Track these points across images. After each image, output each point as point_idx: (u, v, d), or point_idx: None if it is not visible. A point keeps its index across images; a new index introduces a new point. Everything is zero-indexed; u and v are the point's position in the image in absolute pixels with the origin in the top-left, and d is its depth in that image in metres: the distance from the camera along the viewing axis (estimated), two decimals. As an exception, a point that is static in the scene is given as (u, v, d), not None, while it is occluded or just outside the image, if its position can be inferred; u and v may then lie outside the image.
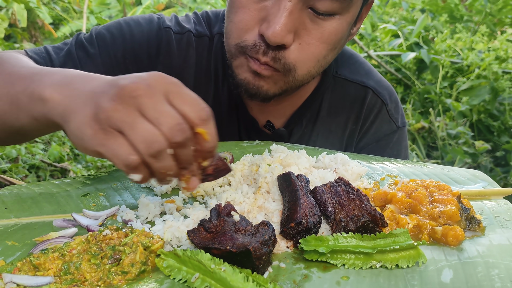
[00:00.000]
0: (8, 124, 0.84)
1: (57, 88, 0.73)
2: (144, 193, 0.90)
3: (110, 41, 1.15)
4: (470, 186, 0.93)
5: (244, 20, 0.98)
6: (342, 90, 1.30)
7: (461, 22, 4.73)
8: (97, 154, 0.65)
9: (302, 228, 0.73)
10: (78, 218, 0.80)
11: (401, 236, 0.70)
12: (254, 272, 0.64)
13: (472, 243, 0.74)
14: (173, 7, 6.73)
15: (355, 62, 1.34)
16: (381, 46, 4.55)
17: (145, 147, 0.62)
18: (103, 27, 1.19)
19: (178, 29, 1.21)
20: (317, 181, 0.88)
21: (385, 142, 1.35)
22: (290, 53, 0.97)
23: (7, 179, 2.48)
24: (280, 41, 0.93)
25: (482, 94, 3.53)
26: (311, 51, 0.99)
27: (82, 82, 0.72)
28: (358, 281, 0.65)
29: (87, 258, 0.66)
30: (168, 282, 0.64)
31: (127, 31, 1.17)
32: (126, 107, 0.62)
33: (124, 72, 1.14)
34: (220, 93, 1.25)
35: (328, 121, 1.31)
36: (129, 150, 0.62)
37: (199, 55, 1.23)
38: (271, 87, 1.04)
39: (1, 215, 0.82)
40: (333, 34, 0.98)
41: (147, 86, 0.64)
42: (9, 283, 0.62)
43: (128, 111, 0.62)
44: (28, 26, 5.80)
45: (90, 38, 1.16)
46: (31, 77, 0.80)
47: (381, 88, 1.33)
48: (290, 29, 0.93)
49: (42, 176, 2.86)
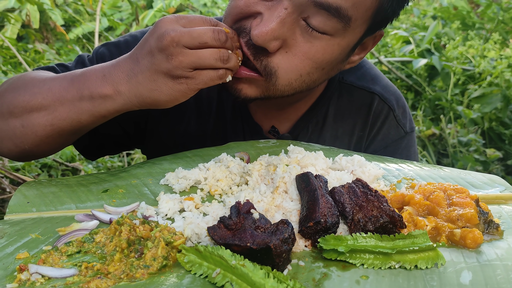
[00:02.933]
0: (67, 129, 0.95)
1: (110, 81, 0.91)
2: (163, 190, 0.91)
3: (108, 58, 1.15)
4: (487, 190, 0.93)
5: (242, 5, 0.95)
6: (348, 96, 1.29)
7: (473, 30, 4.72)
8: (189, 91, 0.90)
9: (321, 228, 0.73)
10: (98, 214, 0.81)
11: (420, 237, 0.70)
12: (273, 269, 0.65)
13: (490, 246, 0.74)
14: (184, 10, 6.78)
15: (362, 67, 1.33)
16: (392, 52, 4.55)
17: (214, 56, 0.87)
18: (104, 45, 1.23)
19: None
20: (334, 182, 0.88)
21: (394, 148, 1.34)
22: (274, 57, 0.95)
23: (20, 177, 2.51)
24: (261, 43, 0.91)
25: (493, 102, 3.51)
26: (295, 63, 0.96)
27: (120, 64, 0.92)
28: (378, 280, 0.65)
29: (118, 246, 0.68)
30: (189, 277, 0.65)
31: (124, 47, 1.19)
32: (180, 54, 0.85)
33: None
34: (224, 100, 1.26)
35: (335, 127, 1.30)
36: (213, 61, 0.87)
37: None
38: (251, 92, 1.01)
39: (23, 209, 0.84)
40: (320, 53, 0.95)
41: (173, 31, 0.85)
42: (35, 273, 0.63)
43: (186, 54, 0.85)
44: (40, 28, 5.86)
45: (92, 58, 1.21)
46: (73, 83, 0.93)
47: (388, 94, 1.31)
48: (277, 36, 0.91)
49: (53, 175, 2.89)
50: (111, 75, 0.91)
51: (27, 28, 4.83)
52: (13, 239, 0.74)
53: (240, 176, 0.94)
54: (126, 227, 0.71)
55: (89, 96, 0.91)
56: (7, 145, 0.98)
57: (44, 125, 0.94)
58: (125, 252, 0.69)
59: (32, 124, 0.94)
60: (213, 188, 0.91)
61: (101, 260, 0.68)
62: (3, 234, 0.75)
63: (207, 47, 0.87)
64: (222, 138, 1.25)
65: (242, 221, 0.71)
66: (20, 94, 0.96)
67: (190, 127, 1.27)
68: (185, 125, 1.27)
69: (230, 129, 1.28)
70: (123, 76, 0.90)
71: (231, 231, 0.70)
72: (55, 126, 0.94)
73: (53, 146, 1.01)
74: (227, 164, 0.96)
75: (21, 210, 0.84)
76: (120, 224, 0.72)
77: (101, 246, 0.71)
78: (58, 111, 0.93)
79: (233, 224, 0.71)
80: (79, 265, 0.67)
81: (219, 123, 1.27)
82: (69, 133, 0.97)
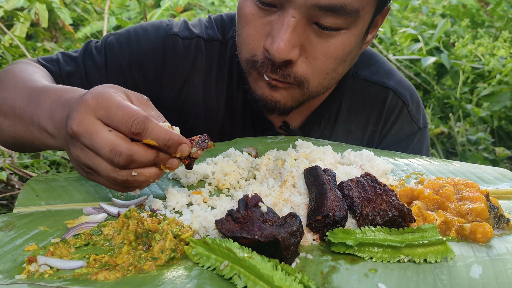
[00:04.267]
0: (28, 144, 0.92)
1: (53, 120, 0.82)
2: (171, 184, 0.91)
3: (117, 50, 1.18)
4: (497, 185, 0.92)
5: (250, 35, 0.98)
6: (362, 91, 1.29)
7: (483, 28, 4.68)
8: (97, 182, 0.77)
9: (329, 221, 0.73)
10: (107, 207, 0.82)
11: (430, 231, 0.70)
12: (281, 262, 0.65)
13: (501, 241, 0.73)
14: (192, 9, 6.79)
15: (375, 62, 1.32)
16: (400, 50, 4.52)
17: (108, 175, 0.72)
18: (114, 35, 1.21)
19: (187, 34, 1.22)
20: (342, 176, 0.88)
21: (406, 143, 1.33)
22: (298, 67, 0.97)
23: (28, 174, 2.53)
24: (284, 57, 0.92)
25: (503, 100, 3.48)
26: (318, 66, 0.97)
27: (56, 113, 0.82)
28: (387, 273, 0.65)
29: (126, 238, 0.68)
30: (197, 269, 0.65)
31: (134, 40, 1.19)
32: (80, 150, 0.72)
33: (130, 79, 1.18)
34: (235, 97, 1.25)
35: (348, 121, 1.30)
36: (106, 178, 0.73)
37: (209, 60, 1.23)
38: (288, 101, 1.04)
39: (32, 202, 0.84)
40: (339, 49, 0.96)
41: (78, 124, 0.71)
42: (43, 265, 0.64)
43: (84, 153, 0.72)
44: (49, 27, 5.90)
45: (100, 47, 1.19)
46: (29, 104, 0.87)
47: (402, 89, 1.31)
48: (294, 44, 0.92)
49: (62, 172, 2.90)
50: (54, 115, 0.82)
51: (36, 27, 4.86)
52: (22, 232, 0.74)
53: (248, 170, 0.94)
54: (133, 220, 0.71)
55: (37, 125, 0.85)
56: None
57: (8, 134, 0.93)
58: (133, 245, 0.69)
59: (1, 127, 0.95)
60: (221, 182, 0.91)
61: (109, 252, 0.68)
62: (12, 226, 0.76)
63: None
64: (232, 135, 1.25)
65: (250, 214, 0.71)
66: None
67: (199, 125, 1.27)
68: (192, 123, 1.26)
69: (240, 127, 1.28)
70: (57, 127, 0.82)
71: (239, 224, 0.70)
72: (17, 139, 0.93)
73: (25, 151, 1.02)
74: (235, 158, 0.96)
75: (30, 203, 0.84)
76: (128, 218, 0.72)
77: (109, 238, 0.71)
78: (17, 126, 0.90)
79: (241, 217, 0.71)
80: (87, 257, 0.67)
81: (228, 120, 1.27)
82: (32, 146, 0.94)
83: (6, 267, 0.64)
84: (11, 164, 2.49)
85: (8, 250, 0.69)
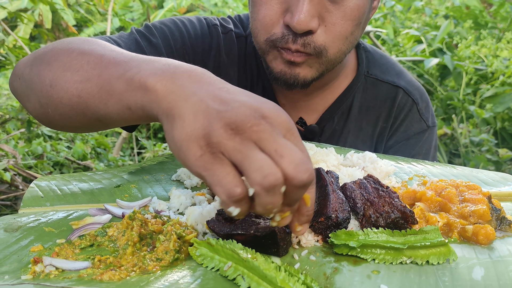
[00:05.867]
0: (92, 109, 0.76)
1: (161, 79, 0.64)
2: (175, 185, 0.92)
3: (169, 33, 1.22)
4: (500, 188, 0.92)
5: (268, 15, 1.03)
6: (373, 90, 1.34)
7: (486, 29, 4.67)
8: (196, 174, 0.58)
9: (332, 223, 0.73)
10: (111, 208, 0.82)
11: (432, 233, 0.70)
12: (277, 253, 0.67)
13: (503, 243, 0.73)
14: (195, 10, 6.80)
15: (386, 62, 1.38)
16: (403, 52, 4.52)
17: (259, 177, 0.53)
18: (156, 22, 1.25)
19: (223, 28, 1.29)
20: (345, 178, 0.88)
21: (415, 141, 1.37)
22: (318, 36, 1.02)
23: (32, 175, 2.54)
24: (306, 28, 0.98)
25: (506, 101, 3.47)
26: (338, 31, 1.03)
27: (188, 79, 0.63)
28: (389, 275, 0.65)
29: (130, 240, 0.69)
30: (201, 270, 0.65)
31: (182, 26, 1.24)
32: (244, 138, 0.55)
33: (181, 60, 1.17)
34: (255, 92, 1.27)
35: (359, 119, 1.35)
36: (236, 181, 0.55)
37: (240, 54, 1.30)
38: (308, 72, 1.08)
39: (37, 203, 0.85)
40: (355, 10, 1.02)
41: (269, 123, 0.58)
42: (49, 266, 0.64)
43: (245, 142, 0.55)
44: (53, 28, 5.92)
45: (149, 30, 1.21)
46: (126, 62, 0.71)
47: (412, 88, 1.36)
48: (313, 15, 0.98)
49: (65, 173, 2.91)
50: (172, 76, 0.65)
51: (40, 28, 4.88)
52: (27, 232, 0.75)
53: (251, 172, 0.95)
54: (137, 222, 0.72)
55: (129, 80, 0.68)
56: (33, 102, 0.86)
57: (72, 93, 0.77)
58: (137, 246, 0.69)
59: (61, 87, 0.78)
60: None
61: (114, 253, 0.69)
62: (18, 227, 0.76)
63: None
64: None
65: None
66: (72, 47, 0.83)
67: None
68: None
69: None
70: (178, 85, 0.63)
71: (230, 222, 0.70)
72: (82, 99, 0.76)
73: (75, 124, 0.84)
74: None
75: (35, 204, 0.85)
76: (132, 219, 0.73)
77: (113, 239, 0.72)
78: (91, 82, 0.74)
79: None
80: (92, 258, 0.67)
81: None
82: (93, 115, 0.77)
83: (12, 268, 0.65)
84: (15, 165, 2.50)
85: (14, 250, 0.69)
